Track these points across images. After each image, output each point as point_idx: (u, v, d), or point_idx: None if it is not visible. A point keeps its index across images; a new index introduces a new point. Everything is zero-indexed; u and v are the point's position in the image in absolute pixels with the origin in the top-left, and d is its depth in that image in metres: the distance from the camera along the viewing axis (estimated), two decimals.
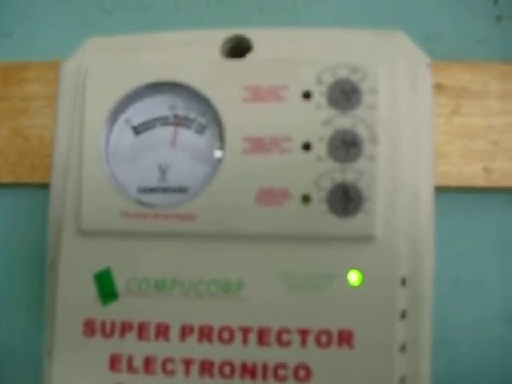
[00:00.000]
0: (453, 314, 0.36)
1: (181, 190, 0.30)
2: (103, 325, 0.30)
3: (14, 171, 0.38)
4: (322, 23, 0.39)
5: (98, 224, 0.30)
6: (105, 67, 0.31)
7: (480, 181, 0.36)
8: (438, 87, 0.36)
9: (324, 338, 0.28)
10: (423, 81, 0.30)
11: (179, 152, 0.31)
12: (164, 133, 0.31)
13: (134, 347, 0.29)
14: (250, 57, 0.31)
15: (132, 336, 0.29)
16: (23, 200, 0.38)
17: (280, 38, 0.31)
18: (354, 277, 0.28)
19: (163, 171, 0.30)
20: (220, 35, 0.32)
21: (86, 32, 0.40)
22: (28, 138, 0.38)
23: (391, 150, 0.29)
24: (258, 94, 0.30)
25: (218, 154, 0.30)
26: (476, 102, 0.37)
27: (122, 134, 0.31)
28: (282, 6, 0.40)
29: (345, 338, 0.28)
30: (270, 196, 0.29)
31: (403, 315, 0.28)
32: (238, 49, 0.32)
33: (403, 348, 0.28)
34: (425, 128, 0.30)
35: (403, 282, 0.29)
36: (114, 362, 0.29)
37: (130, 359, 0.29)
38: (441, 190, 0.33)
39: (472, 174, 0.36)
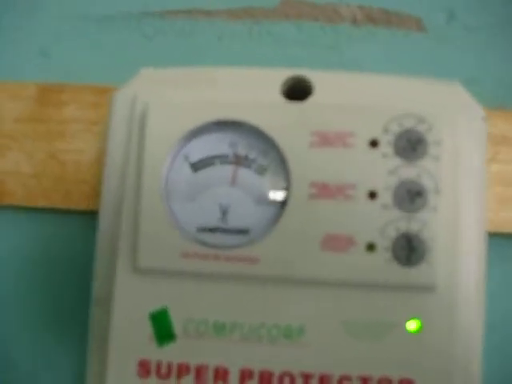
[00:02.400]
0: (498, 353, 0.37)
1: (242, 231, 0.30)
2: (159, 366, 0.29)
3: (48, 196, 0.36)
4: (363, 63, 0.40)
5: (156, 263, 0.29)
6: (166, 103, 0.31)
7: None
8: None
9: None
10: (479, 133, 0.31)
11: (239, 192, 0.30)
12: (223, 171, 0.31)
13: None
14: (313, 100, 0.31)
15: (189, 379, 0.29)
16: (57, 226, 0.37)
17: (340, 82, 0.32)
18: (413, 325, 0.29)
19: (224, 211, 0.30)
20: (280, 75, 0.32)
21: (124, 57, 0.40)
22: (64, 163, 0.37)
23: (452, 200, 0.30)
24: (324, 140, 0.30)
25: (282, 196, 0.30)
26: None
27: (180, 170, 0.31)
28: (323, 43, 0.40)
29: None
30: (335, 242, 0.29)
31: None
32: (297, 90, 0.32)
33: None
34: (480, 179, 0.31)
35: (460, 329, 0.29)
36: None
37: None
38: None
39: (508, 219, 0.37)
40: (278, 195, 0.30)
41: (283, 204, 0.30)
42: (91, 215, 0.35)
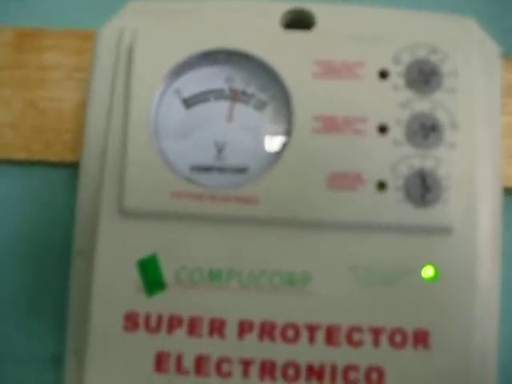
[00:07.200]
0: None
1: (240, 170, 0.27)
2: (148, 318, 0.26)
3: (27, 147, 0.33)
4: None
5: (144, 204, 0.26)
6: (156, 32, 0.28)
7: None
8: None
9: (398, 338, 0.26)
10: (495, 71, 0.29)
11: (236, 128, 0.28)
12: (218, 108, 0.28)
13: (184, 344, 0.26)
14: (317, 30, 0.29)
15: (182, 332, 0.26)
16: (37, 178, 0.34)
17: (345, 14, 0.29)
18: (429, 272, 0.26)
19: (220, 149, 0.27)
20: (279, 8, 0.29)
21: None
22: (44, 111, 0.34)
23: (470, 138, 0.27)
24: (330, 70, 0.27)
25: (283, 131, 0.27)
26: None
27: (171, 106, 0.28)
28: None
29: (420, 338, 0.26)
30: (342, 180, 0.26)
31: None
32: (299, 24, 0.29)
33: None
34: (495, 119, 0.29)
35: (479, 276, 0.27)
36: (160, 362, 0.26)
37: (179, 358, 0.26)
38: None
39: None
40: (278, 130, 0.27)
41: (285, 140, 0.27)
42: (74, 167, 0.32)
